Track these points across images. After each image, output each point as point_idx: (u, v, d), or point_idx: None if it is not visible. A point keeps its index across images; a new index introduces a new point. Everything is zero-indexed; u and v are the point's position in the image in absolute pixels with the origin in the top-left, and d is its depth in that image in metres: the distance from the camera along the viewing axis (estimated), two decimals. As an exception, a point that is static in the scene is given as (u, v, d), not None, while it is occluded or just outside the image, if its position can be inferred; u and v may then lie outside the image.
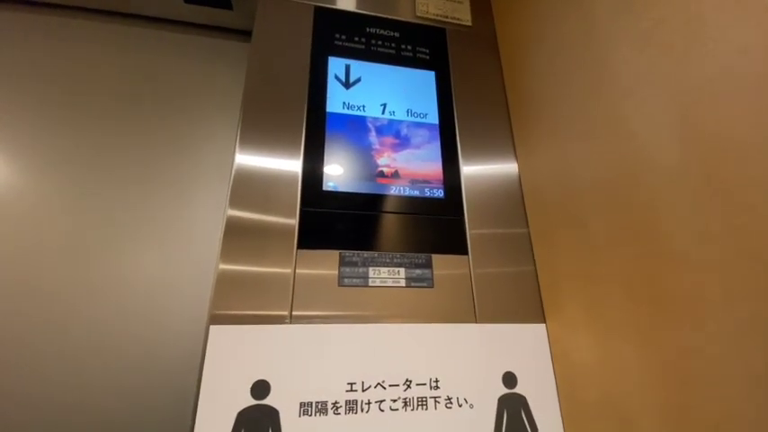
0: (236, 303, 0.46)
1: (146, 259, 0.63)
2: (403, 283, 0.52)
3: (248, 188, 0.52)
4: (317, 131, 0.58)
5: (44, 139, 0.65)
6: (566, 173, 0.53)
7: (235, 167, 0.53)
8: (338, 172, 0.56)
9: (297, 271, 0.49)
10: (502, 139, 0.65)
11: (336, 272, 0.51)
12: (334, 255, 0.52)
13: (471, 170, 0.61)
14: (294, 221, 0.52)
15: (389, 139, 0.61)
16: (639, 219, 0.41)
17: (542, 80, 0.59)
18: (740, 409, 0.31)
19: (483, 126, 0.65)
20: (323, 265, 0.50)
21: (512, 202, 0.61)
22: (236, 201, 0.51)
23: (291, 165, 0.55)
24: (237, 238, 0.49)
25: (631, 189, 0.42)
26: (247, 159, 0.53)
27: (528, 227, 0.59)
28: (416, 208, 0.57)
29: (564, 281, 0.51)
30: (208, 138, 0.71)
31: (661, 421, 0.37)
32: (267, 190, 0.52)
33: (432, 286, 0.53)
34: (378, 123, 0.61)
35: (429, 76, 0.67)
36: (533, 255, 0.58)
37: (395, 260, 0.53)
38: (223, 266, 0.47)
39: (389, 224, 0.55)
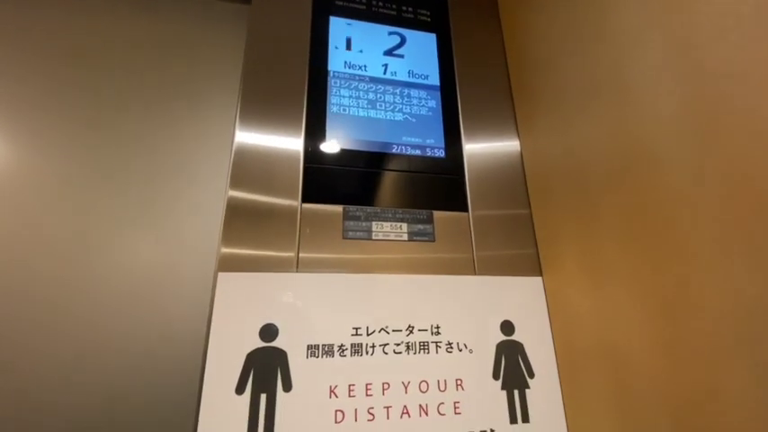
0: (243, 250, 0.47)
1: (145, 243, 0.60)
2: (405, 237, 0.53)
3: (251, 150, 0.52)
4: (319, 90, 0.58)
5: (35, 118, 0.62)
6: (564, 129, 0.54)
7: (237, 125, 0.53)
8: (341, 129, 0.57)
9: (301, 223, 0.50)
10: (502, 100, 0.66)
11: (340, 225, 0.52)
12: (337, 209, 0.53)
13: (471, 130, 0.62)
14: (298, 177, 0.52)
15: (391, 99, 0.61)
16: (637, 165, 0.42)
17: (543, 41, 0.60)
18: (731, 340, 0.33)
19: (483, 88, 0.66)
20: (327, 218, 0.52)
21: (511, 162, 0.62)
22: (238, 173, 0.51)
23: (295, 121, 0.55)
24: (242, 196, 0.50)
25: (630, 139, 0.43)
26: (250, 118, 0.54)
27: (526, 185, 0.61)
28: (418, 166, 0.58)
29: (561, 234, 0.53)
30: (208, 97, 0.70)
31: (654, 357, 0.39)
32: (270, 145, 0.53)
33: (433, 240, 0.54)
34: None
35: (430, 39, 0.67)
36: (531, 212, 0.59)
37: (397, 215, 0.54)
38: (227, 231, 0.48)
39: (392, 181, 0.56)
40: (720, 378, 0.33)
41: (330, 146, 0.56)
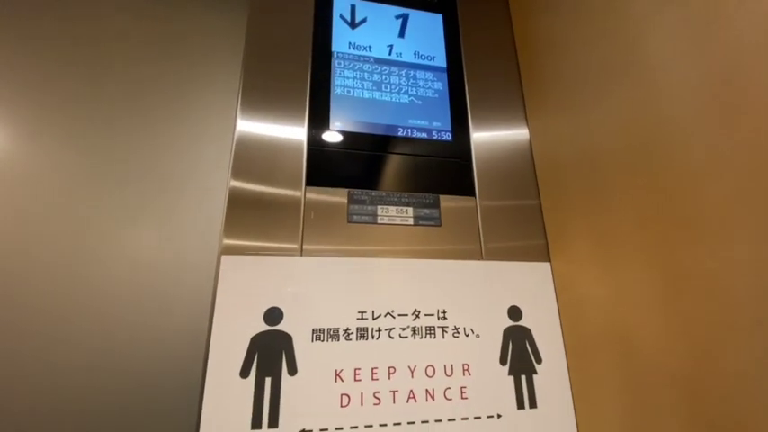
0: (246, 237, 0.46)
1: (147, 235, 0.58)
2: (411, 221, 0.52)
3: (253, 134, 0.51)
4: (323, 71, 0.57)
5: (35, 112, 0.59)
6: (576, 114, 0.52)
7: (238, 109, 0.52)
8: (345, 112, 0.56)
9: (305, 207, 0.49)
10: (510, 82, 0.64)
11: (345, 209, 0.51)
12: (342, 193, 0.52)
13: (479, 113, 0.61)
14: (302, 160, 0.51)
15: (397, 81, 0.60)
16: (654, 149, 0.41)
17: (553, 24, 0.58)
18: (747, 324, 0.32)
19: (491, 70, 0.64)
20: (331, 202, 0.51)
21: (519, 145, 0.61)
22: (240, 157, 0.50)
23: (298, 103, 0.54)
24: (245, 181, 0.49)
25: (647, 123, 0.42)
26: (252, 101, 0.53)
27: (535, 171, 0.59)
28: (425, 150, 0.57)
29: (571, 219, 0.52)
30: (209, 83, 0.68)
31: (666, 342, 0.39)
32: (273, 128, 0.52)
33: (439, 225, 0.53)
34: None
35: (436, 19, 0.65)
36: (540, 197, 0.58)
37: (403, 199, 0.53)
38: (231, 207, 0.47)
39: (397, 165, 0.55)
40: (737, 363, 0.33)
41: (334, 128, 0.54)
